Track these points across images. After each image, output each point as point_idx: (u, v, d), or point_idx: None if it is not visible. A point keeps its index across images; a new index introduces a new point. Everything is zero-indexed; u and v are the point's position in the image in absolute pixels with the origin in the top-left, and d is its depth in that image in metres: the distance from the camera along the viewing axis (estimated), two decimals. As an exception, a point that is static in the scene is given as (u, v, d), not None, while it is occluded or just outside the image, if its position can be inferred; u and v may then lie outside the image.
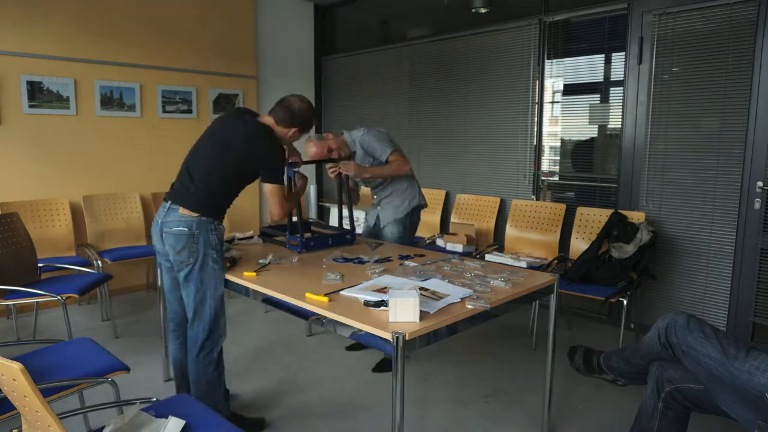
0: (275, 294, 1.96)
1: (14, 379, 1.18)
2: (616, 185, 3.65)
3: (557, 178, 4.08)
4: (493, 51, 4.23)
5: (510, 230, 4.02)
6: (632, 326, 3.43)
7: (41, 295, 2.85)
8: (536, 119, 4.01)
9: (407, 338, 1.51)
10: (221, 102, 4.90)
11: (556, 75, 3.96)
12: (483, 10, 4.32)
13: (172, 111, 4.60)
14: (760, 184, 3.03)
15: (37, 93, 3.92)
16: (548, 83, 3.98)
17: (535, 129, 4.02)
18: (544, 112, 4.02)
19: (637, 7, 3.43)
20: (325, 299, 1.80)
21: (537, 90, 3.99)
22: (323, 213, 5.73)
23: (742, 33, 3.03)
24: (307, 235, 2.75)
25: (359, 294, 1.86)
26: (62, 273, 3.34)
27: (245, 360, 3.11)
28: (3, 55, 3.76)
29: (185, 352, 2.38)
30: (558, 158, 4.08)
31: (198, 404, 1.72)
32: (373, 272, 2.17)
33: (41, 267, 3.28)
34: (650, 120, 3.44)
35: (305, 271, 2.23)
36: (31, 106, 3.89)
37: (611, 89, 3.69)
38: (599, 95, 3.80)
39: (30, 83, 3.87)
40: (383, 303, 1.72)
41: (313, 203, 5.59)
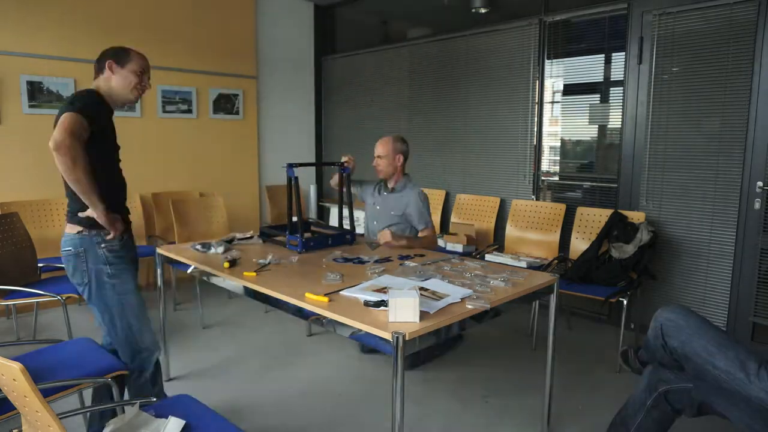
0: (275, 294, 1.96)
1: (14, 379, 1.18)
2: (616, 185, 3.65)
3: (557, 178, 4.08)
4: (493, 51, 4.23)
5: (510, 230, 4.02)
6: (632, 326, 3.44)
7: (41, 295, 2.86)
8: (536, 119, 4.01)
9: (407, 338, 1.52)
10: (221, 102, 4.90)
11: (556, 75, 3.96)
12: (483, 10, 4.32)
13: (172, 111, 4.60)
14: (760, 184, 3.03)
15: (37, 93, 3.92)
16: (548, 83, 3.98)
17: (535, 129, 4.02)
18: (544, 112, 4.02)
19: (637, 7, 3.43)
20: (325, 299, 1.80)
21: (537, 90, 3.99)
22: (323, 213, 5.74)
23: (742, 33, 3.03)
24: (307, 235, 2.75)
25: (359, 294, 1.86)
26: (62, 273, 3.30)
27: (245, 360, 3.11)
28: (3, 55, 3.77)
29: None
30: (558, 158, 4.08)
31: (198, 404, 1.71)
32: (373, 272, 2.18)
33: (41, 267, 3.28)
34: (650, 120, 3.44)
35: (305, 271, 2.23)
36: (31, 106, 3.90)
37: (611, 89, 3.69)
38: (599, 95, 3.80)
39: (30, 83, 3.88)
40: (383, 303, 1.72)
41: (313, 203, 5.59)
